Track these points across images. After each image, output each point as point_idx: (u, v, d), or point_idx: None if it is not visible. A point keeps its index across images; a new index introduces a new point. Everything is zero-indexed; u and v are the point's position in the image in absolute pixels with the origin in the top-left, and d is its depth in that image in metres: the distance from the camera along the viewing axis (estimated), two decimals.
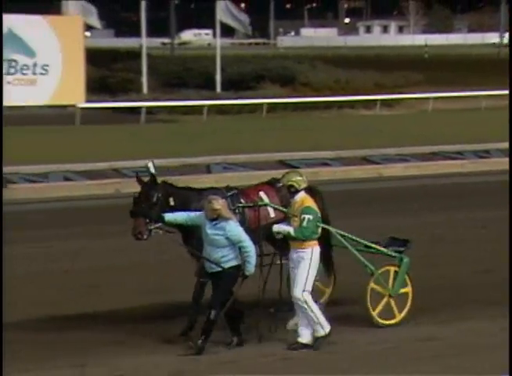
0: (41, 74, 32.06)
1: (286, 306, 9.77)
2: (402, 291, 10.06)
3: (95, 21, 35.78)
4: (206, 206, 9.16)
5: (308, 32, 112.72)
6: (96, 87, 34.43)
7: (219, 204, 9.11)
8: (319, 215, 9.45)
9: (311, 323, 9.38)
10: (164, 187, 9.64)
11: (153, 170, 9.66)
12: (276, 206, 9.90)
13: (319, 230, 9.45)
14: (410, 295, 10.09)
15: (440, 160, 22.71)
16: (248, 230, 9.39)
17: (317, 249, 9.40)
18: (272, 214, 9.90)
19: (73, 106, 30.88)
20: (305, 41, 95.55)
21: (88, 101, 31.55)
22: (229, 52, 42.32)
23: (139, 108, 31.02)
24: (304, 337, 9.42)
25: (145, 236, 9.45)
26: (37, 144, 24.38)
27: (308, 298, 9.36)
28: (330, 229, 9.98)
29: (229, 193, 9.89)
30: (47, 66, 32.08)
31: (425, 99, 34.85)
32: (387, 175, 21.35)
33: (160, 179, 9.72)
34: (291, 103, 33.61)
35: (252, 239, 9.32)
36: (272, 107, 32.79)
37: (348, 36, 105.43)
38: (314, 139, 25.46)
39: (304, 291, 9.30)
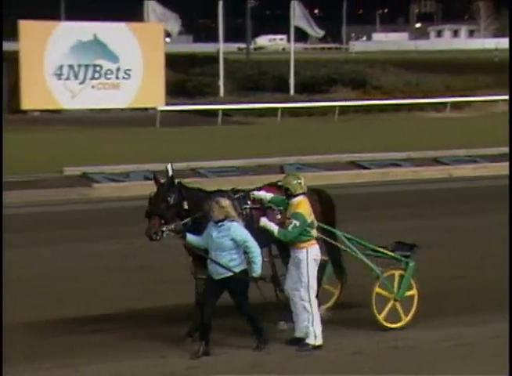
0: (124, 78, 32.51)
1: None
2: (408, 294, 9.83)
3: (174, 28, 36.13)
4: (213, 207, 8.91)
5: (379, 37, 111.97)
6: (175, 90, 34.75)
7: (226, 203, 8.95)
8: (309, 221, 9.16)
9: (306, 328, 9.14)
10: (179, 189, 9.33)
11: (171, 172, 9.38)
12: (280, 208, 9.47)
13: (313, 233, 9.21)
14: (416, 299, 9.85)
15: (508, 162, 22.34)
16: (256, 232, 9.12)
17: (312, 249, 9.19)
18: (279, 215, 9.53)
19: (154, 108, 31.21)
20: (376, 45, 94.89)
21: (167, 104, 31.88)
22: (303, 57, 42.30)
23: (216, 110, 31.20)
24: (298, 332, 9.27)
25: (158, 237, 9.12)
26: (120, 145, 24.70)
27: (314, 303, 9.18)
28: (337, 232, 9.79)
29: (236, 196, 9.54)
30: (129, 70, 32.51)
31: (494, 101, 34.37)
32: (456, 176, 21.11)
33: (176, 181, 9.37)
34: (362, 106, 33.44)
35: (260, 241, 9.10)
36: (344, 110, 32.67)
37: (419, 40, 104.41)
38: (384, 141, 25.30)
39: (309, 291, 9.13)
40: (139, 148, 24.04)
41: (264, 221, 9.20)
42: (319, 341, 9.12)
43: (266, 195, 9.50)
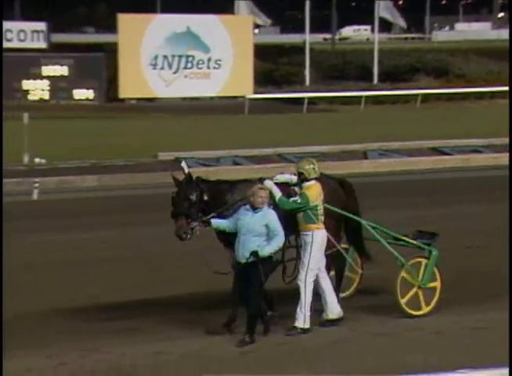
0: (215, 68, 32.78)
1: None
2: (431, 285, 9.58)
3: (262, 19, 36.21)
4: (255, 194, 8.68)
5: (462, 27, 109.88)
6: (263, 79, 34.85)
7: (266, 193, 8.77)
8: (313, 204, 9.00)
9: (298, 309, 8.98)
10: (198, 184, 9.04)
11: (187, 169, 9.07)
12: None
13: (321, 218, 9.07)
14: (438, 289, 9.59)
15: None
16: (282, 221, 8.89)
17: (318, 233, 9.05)
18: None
19: (243, 97, 31.38)
20: (459, 35, 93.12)
21: (255, 92, 32.03)
22: (386, 47, 41.84)
23: (302, 99, 31.20)
24: (330, 313, 9.18)
25: (188, 236, 8.88)
26: (210, 131, 24.94)
27: (309, 283, 9.01)
28: (362, 221, 9.60)
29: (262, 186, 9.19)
30: (220, 61, 32.75)
31: None
32: None
33: (195, 176, 9.07)
34: (444, 94, 33.03)
35: (285, 229, 8.92)
36: (426, 98, 32.31)
37: (502, 29, 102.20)
38: (466, 128, 24.95)
39: (307, 272, 8.98)
40: (228, 134, 24.22)
41: (270, 183, 9.07)
42: (307, 325, 8.96)
43: (292, 177, 9.36)
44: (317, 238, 9.07)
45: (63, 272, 11.26)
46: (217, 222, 8.91)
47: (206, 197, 9.00)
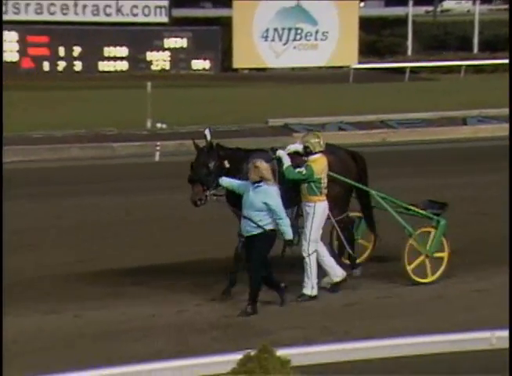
0: (322, 39, 32.48)
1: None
2: (439, 255, 9.22)
3: None
4: (250, 168, 8.43)
5: None
6: (367, 50, 34.34)
7: (262, 165, 8.37)
8: (317, 177, 8.77)
9: (306, 278, 8.82)
10: (218, 153, 8.78)
11: (209, 137, 8.82)
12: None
13: (323, 191, 8.83)
14: (446, 259, 9.24)
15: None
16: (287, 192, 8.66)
17: (320, 205, 8.80)
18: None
19: (348, 67, 31.03)
20: None
21: (360, 62, 31.61)
22: (487, 18, 40.55)
23: (404, 68, 30.62)
24: (334, 277, 9.02)
25: (203, 202, 8.65)
26: (317, 99, 24.77)
27: (312, 253, 8.80)
28: (371, 191, 9.34)
29: (274, 156, 8.95)
30: (327, 33, 32.44)
31: None
32: None
33: (215, 142, 8.87)
34: None
35: (295, 199, 8.72)
36: None
37: None
38: None
39: (308, 243, 8.77)
40: (334, 102, 24.01)
41: (281, 153, 8.88)
42: (314, 292, 8.85)
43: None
44: (319, 210, 8.85)
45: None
46: (228, 180, 8.66)
47: (227, 165, 8.74)
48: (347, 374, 7.03)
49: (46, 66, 29.62)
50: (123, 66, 30.41)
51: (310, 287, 8.88)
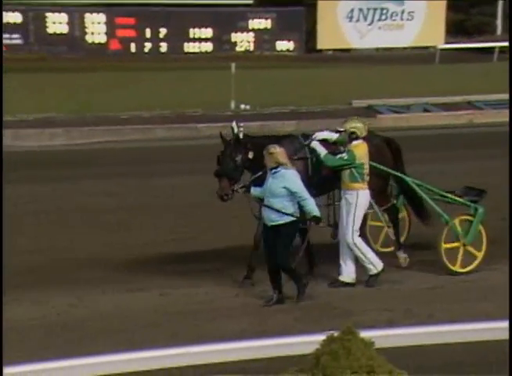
0: (408, 19, 32.02)
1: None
2: (474, 252, 8.95)
3: None
4: (264, 154, 8.20)
5: None
6: (454, 30, 33.67)
7: (276, 150, 8.14)
8: (359, 162, 8.57)
9: (364, 264, 8.71)
10: (246, 146, 8.58)
11: (236, 129, 8.60)
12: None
13: (366, 178, 8.63)
14: (484, 247, 8.95)
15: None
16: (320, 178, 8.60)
17: (363, 194, 8.58)
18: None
19: (434, 47, 30.53)
20: None
21: (446, 42, 31.05)
22: None
23: (493, 48, 29.93)
24: (345, 276, 8.78)
25: (230, 197, 8.52)
26: (402, 80, 24.46)
27: (358, 240, 8.64)
28: (406, 179, 9.08)
29: (306, 142, 8.79)
30: (413, 12, 31.95)
31: None
32: None
33: (242, 134, 8.62)
34: None
35: (327, 186, 8.61)
36: None
37: None
38: None
39: (352, 233, 8.58)
40: (419, 83, 23.66)
41: (315, 143, 8.74)
42: (379, 267, 8.75)
43: (332, 135, 8.95)
44: (361, 199, 8.67)
45: None
46: (255, 190, 8.45)
47: (251, 156, 8.58)
48: (429, 356, 7.02)
49: (133, 47, 30.10)
50: (208, 47, 30.65)
51: (373, 266, 8.81)
